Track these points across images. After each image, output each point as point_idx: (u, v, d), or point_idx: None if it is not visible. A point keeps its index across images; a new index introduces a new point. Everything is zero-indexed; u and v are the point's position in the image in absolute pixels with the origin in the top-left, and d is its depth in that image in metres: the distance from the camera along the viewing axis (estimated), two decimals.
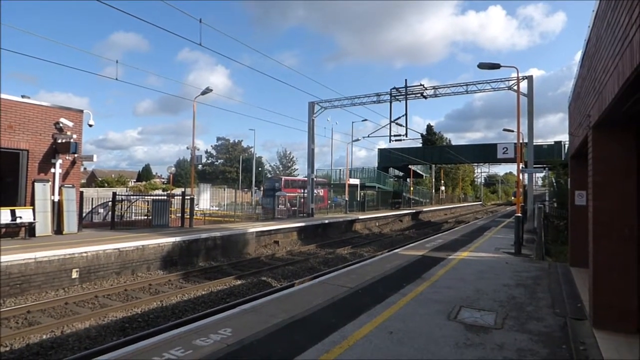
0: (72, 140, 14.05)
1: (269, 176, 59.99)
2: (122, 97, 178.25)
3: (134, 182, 79.63)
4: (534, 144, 20.79)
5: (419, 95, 23.49)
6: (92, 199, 20.85)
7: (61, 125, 14.17)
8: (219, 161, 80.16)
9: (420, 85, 23.37)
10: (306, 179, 27.19)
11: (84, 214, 16.68)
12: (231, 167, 75.87)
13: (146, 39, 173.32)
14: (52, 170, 14.04)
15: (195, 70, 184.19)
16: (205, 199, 34.39)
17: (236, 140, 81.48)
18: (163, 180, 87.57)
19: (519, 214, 13.12)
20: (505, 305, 6.48)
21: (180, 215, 18.25)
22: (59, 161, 14.21)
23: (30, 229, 12.92)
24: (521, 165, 15.41)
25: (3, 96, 12.72)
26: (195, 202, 22.93)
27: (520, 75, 15.36)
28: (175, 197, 20.91)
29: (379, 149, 49.45)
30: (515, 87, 17.21)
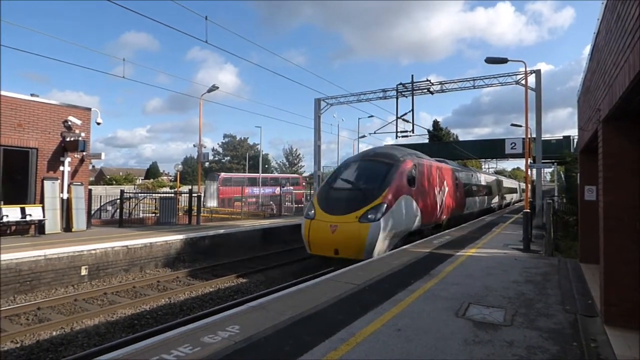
0: (80, 139, 14.18)
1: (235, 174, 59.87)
2: (131, 96, 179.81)
3: (142, 179, 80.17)
4: (543, 138, 20.59)
5: (426, 90, 23.34)
6: (100, 196, 21.02)
7: (69, 123, 14.29)
8: (226, 158, 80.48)
9: (427, 80, 23.21)
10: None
11: (92, 212, 16.81)
12: (238, 164, 76.16)
13: (157, 39, 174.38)
14: (61, 168, 14.17)
15: (204, 69, 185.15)
16: (212, 197, 34.48)
17: (243, 138, 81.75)
18: (170, 177, 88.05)
19: (528, 210, 13.00)
20: (514, 302, 6.42)
21: (187, 212, 18.32)
22: (68, 159, 14.34)
23: (39, 226, 13.06)
24: (529, 160, 15.26)
25: (12, 95, 12.84)
26: (203, 199, 23.00)
27: (528, 69, 15.19)
28: (183, 195, 21.03)
29: (385, 145, 49.22)
30: (523, 82, 17.03)
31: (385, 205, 11.42)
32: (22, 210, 12.61)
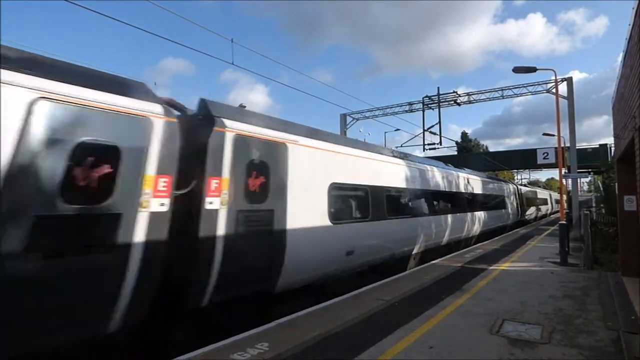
0: None
1: None
2: None
3: None
4: (578, 147, 19.88)
5: (453, 102, 23.14)
6: None
7: None
8: None
9: (454, 92, 23.03)
10: None
11: None
12: None
13: (193, 64, 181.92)
14: None
15: (236, 89, 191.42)
16: None
17: None
18: None
19: (564, 221, 12.54)
20: (551, 318, 6.18)
21: None
22: None
23: None
24: (564, 170, 14.76)
25: None
26: None
27: (559, 77, 14.84)
28: None
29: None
30: (554, 90, 16.63)
31: None
32: None
